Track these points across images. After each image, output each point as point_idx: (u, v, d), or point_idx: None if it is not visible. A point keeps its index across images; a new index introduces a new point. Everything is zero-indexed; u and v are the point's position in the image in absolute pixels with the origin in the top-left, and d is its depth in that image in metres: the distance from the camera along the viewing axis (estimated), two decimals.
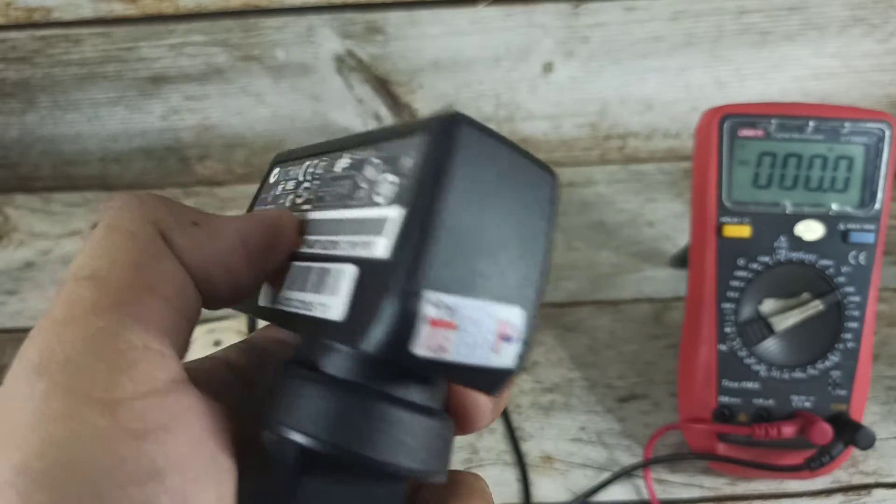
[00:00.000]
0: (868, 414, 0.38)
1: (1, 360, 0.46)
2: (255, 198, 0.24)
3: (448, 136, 0.15)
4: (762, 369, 0.37)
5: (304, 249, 0.19)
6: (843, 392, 0.36)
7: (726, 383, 0.37)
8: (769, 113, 0.37)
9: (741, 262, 0.37)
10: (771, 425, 0.35)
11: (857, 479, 0.39)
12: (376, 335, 0.14)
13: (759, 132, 0.37)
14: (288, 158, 0.23)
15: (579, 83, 0.56)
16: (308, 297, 0.17)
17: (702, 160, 0.38)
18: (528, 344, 0.16)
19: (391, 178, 0.16)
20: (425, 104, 0.56)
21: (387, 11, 0.52)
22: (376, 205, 0.16)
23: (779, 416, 0.36)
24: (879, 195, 0.36)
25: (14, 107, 0.57)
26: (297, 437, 0.15)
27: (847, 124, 0.36)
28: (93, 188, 0.60)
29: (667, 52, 0.54)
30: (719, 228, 0.37)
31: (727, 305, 0.37)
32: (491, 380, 0.16)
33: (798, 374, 0.36)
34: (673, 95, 0.57)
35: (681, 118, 0.58)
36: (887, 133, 0.36)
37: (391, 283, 0.14)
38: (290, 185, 0.22)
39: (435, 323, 0.15)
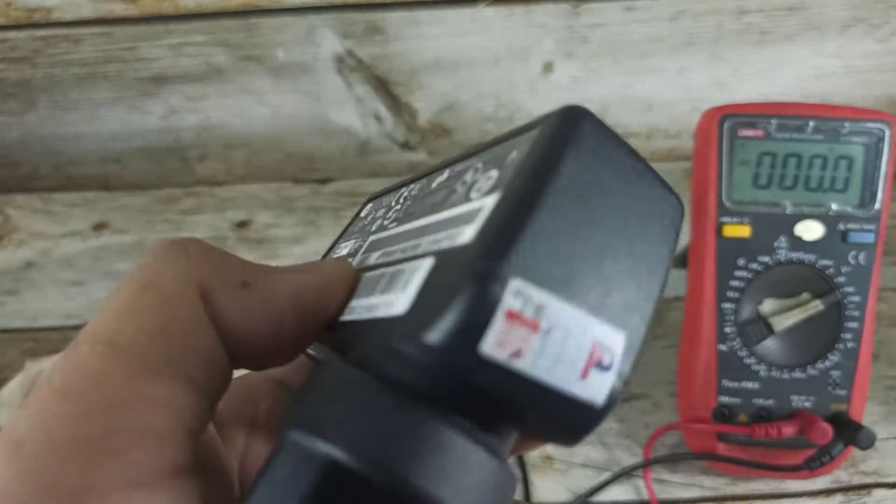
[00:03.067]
0: (868, 414, 0.37)
1: (1, 360, 0.46)
2: (342, 234, 0.22)
3: (564, 127, 0.13)
4: (762, 369, 0.37)
5: (379, 260, 0.16)
6: (843, 392, 0.36)
7: (726, 383, 0.37)
8: (769, 113, 0.37)
9: (741, 262, 0.37)
10: (771, 425, 0.35)
11: (857, 479, 0.39)
12: (442, 324, 0.11)
13: (759, 132, 0.37)
14: (383, 193, 0.22)
15: (579, 83, 0.56)
16: (374, 300, 0.14)
17: (702, 160, 0.38)
18: (625, 380, 0.13)
19: (493, 173, 0.14)
20: (425, 104, 0.56)
21: (387, 11, 0.52)
22: (470, 200, 0.14)
23: (779, 416, 0.36)
24: (879, 195, 0.36)
25: (14, 107, 0.57)
26: (331, 450, 0.12)
27: (847, 124, 0.36)
28: (93, 188, 0.60)
29: (667, 52, 0.54)
30: (719, 228, 0.37)
31: (727, 305, 0.37)
32: (571, 420, 0.13)
33: (798, 374, 0.36)
34: (673, 95, 0.57)
35: (681, 118, 0.58)
36: (887, 133, 0.36)
37: (469, 265, 0.12)
38: (381, 212, 0.20)
39: (513, 316, 0.12)
